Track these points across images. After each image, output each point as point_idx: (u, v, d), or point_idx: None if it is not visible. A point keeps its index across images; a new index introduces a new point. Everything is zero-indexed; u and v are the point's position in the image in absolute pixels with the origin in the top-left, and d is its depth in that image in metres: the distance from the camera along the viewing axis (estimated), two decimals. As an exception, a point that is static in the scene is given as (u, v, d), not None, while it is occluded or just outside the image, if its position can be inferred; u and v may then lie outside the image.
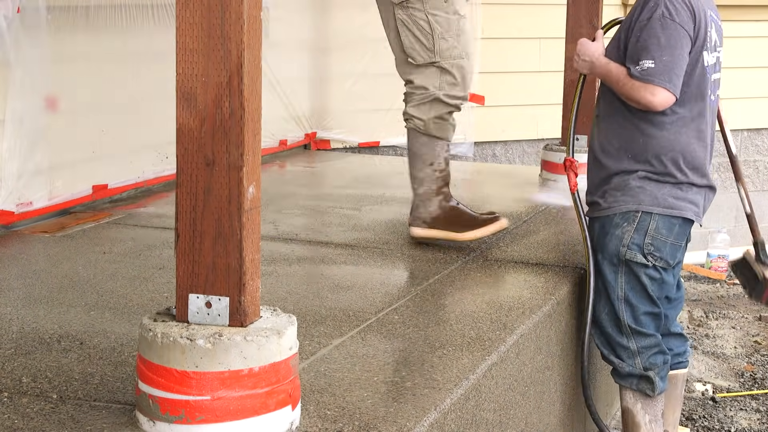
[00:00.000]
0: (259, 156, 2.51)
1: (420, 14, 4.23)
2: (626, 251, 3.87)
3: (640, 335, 3.93)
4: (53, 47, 4.63)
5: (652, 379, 3.93)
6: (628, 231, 3.87)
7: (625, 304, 3.91)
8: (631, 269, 3.89)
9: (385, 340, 3.27)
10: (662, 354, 3.96)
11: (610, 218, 3.92)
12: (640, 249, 3.86)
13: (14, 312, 3.44)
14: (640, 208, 3.85)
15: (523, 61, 7.39)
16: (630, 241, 3.87)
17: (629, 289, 3.91)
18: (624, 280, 3.91)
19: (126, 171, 5.18)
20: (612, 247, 3.91)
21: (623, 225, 3.88)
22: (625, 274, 3.91)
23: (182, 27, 2.42)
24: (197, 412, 2.42)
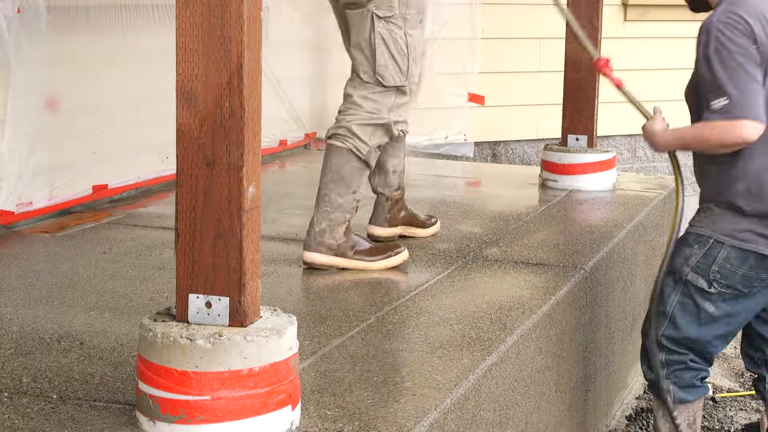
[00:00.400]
0: (259, 156, 2.51)
1: (400, 33, 3.93)
2: (689, 272, 3.74)
3: (671, 352, 3.82)
4: (53, 47, 4.63)
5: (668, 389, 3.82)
6: (696, 254, 3.72)
7: (669, 321, 3.79)
8: (689, 291, 3.75)
9: (385, 340, 3.27)
10: (690, 370, 3.84)
11: (687, 235, 3.78)
12: (705, 275, 3.71)
13: (14, 312, 3.44)
14: (713, 236, 3.69)
15: (523, 61, 7.39)
16: (696, 264, 3.72)
17: (678, 309, 3.78)
18: (677, 299, 3.78)
19: (126, 171, 5.18)
20: (677, 263, 3.77)
21: (694, 246, 3.73)
22: (681, 293, 3.77)
23: (182, 27, 2.43)
24: (197, 412, 2.42)
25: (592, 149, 5.72)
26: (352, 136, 3.91)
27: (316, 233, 3.95)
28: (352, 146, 3.91)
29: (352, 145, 3.91)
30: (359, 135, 3.91)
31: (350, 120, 3.91)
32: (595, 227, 4.87)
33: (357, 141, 3.91)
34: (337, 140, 3.93)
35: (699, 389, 3.90)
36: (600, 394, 4.52)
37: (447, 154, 7.23)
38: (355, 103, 3.91)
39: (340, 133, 3.92)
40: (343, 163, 3.91)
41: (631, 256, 4.87)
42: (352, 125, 3.90)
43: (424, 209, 5.13)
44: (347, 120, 3.91)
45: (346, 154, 3.91)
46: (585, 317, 4.16)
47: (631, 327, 5.00)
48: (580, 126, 5.77)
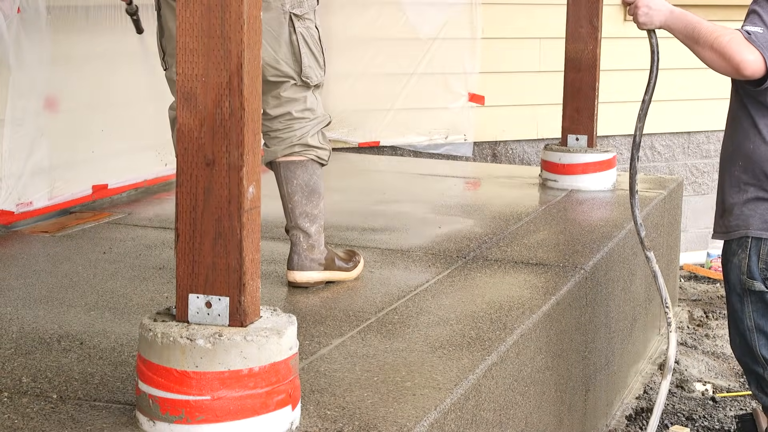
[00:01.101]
0: (259, 156, 2.51)
1: (313, 26, 3.71)
2: (745, 279, 3.67)
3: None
4: (53, 47, 4.63)
5: None
6: (743, 259, 3.66)
7: (758, 333, 3.70)
8: (758, 297, 3.68)
9: (385, 340, 3.27)
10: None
11: (729, 244, 3.72)
12: (757, 275, 3.66)
13: (14, 312, 3.44)
14: (750, 234, 3.64)
15: (523, 61, 7.39)
16: (747, 269, 3.67)
17: (759, 317, 3.69)
18: (752, 309, 3.70)
19: (126, 171, 5.18)
20: (734, 277, 3.71)
21: (738, 252, 3.68)
22: (752, 303, 3.69)
23: (182, 27, 2.43)
24: (197, 412, 2.42)
25: (592, 149, 5.72)
26: (311, 148, 3.74)
27: (304, 251, 3.77)
28: (314, 156, 3.75)
29: (315, 156, 3.75)
30: (315, 144, 3.74)
31: (300, 135, 3.70)
32: (595, 227, 4.87)
33: (317, 150, 3.75)
34: (296, 155, 3.72)
35: None
36: (600, 394, 4.52)
37: (447, 154, 7.23)
38: (297, 118, 3.70)
39: (296, 149, 3.71)
40: (310, 176, 3.75)
41: (631, 256, 4.87)
42: (306, 139, 3.71)
43: (425, 210, 5.13)
44: (298, 136, 3.70)
45: (311, 165, 3.75)
46: (585, 317, 4.16)
47: (631, 327, 5.00)
48: (580, 126, 5.76)
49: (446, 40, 7.12)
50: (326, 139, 3.79)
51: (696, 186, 8.13)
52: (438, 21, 7.05)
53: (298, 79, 3.67)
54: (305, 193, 3.75)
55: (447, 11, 7.12)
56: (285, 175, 3.73)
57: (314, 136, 3.73)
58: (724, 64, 3.52)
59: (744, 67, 3.47)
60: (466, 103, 7.23)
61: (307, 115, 3.71)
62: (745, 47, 3.45)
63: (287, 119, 3.68)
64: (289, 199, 3.75)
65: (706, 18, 3.69)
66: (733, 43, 3.46)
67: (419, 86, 7.07)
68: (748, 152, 3.64)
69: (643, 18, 3.63)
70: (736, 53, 3.46)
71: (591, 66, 5.71)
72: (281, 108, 3.67)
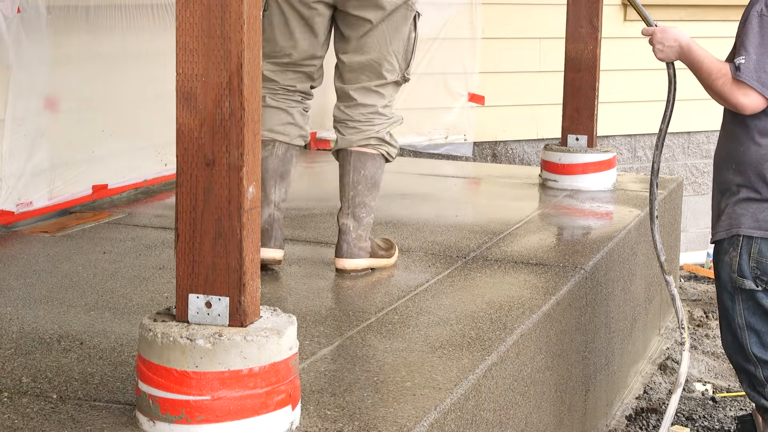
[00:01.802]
0: (259, 156, 2.51)
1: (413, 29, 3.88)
2: (736, 278, 3.72)
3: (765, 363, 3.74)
4: (53, 47, 4.63)
5: None
6: (734, 257, 3.71)
7: (749, 331, 3.76)
8: (748, 296, 3.74)
9: (385, 340, 3.27)
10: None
11: (720, 243, 3.77)
12: (747, 274, 3.70)
13: (14, 312, 3.44)
14: (741, 232, 3.68)
15: (523, 61, 7.39)
16: (738, 268, 3.71)
17: (750, 315, 3.73)
18: (742, 307, 3.75)
19: (126, 171, 5.18)
20: (725, 275, 3.76)
21: (729, 250, 3.73)
22: (742, 301, 3.74)
23: (182, 27, 2.43)
24: (197, 412, 2.42)
25: (592, 149, 5.72)
26: (384, 144, 3.90)
27: (353, 239, 3.91)
28: (384, 152, 3.92)
29: (385, 152, 3.92)
30: (389, 141, 3.92)
31: (379, 130, 3.88)
32: (595, 227, 4.87)
33: (389, 147, 3.92)
34: (370, 148, 3.89)
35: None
36: (600, 394, 4.52)
37: (447, 154, 7.23)
38: (379, 113, 3.88)
39: (372, 142, 3.88)
40: (377, 169, 3.91)
41: (631, 256, 4.87)
42: (383, 134, 3.89)
43: (425, 210, 5.13)
44: (376, 130, 3.87)
45: (380, 160, 3.91)
46: (585, 317, 4.16)
47: (631, 327, 5.00)
48: (580, 126, 5.76)
49: (446, 40, 7.12)
50: (395, 138, 3.94)
51: (696, 186, 8.13)
52: (438, 21, 7.05)
53: (399, 76, 3.85)
54: (369, 184, 3.89)
55: (447, 11, 7.12)
56: (354, 164, 3.87)
57: (388, 133, 3.90)
58: (725, 105, 3.64)
59: (743, 109, 3.58)
60: (466, 103, 7.24)
61: (387, 113, 3.89)
62: (736, 90, 3.55)
63: (371, 112, 3.85)
64: (352, 187, 3.89)
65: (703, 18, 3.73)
66: (726, 86, 3.56)
67: (419, 86, 7.07)
68: (739, 155, 3.67)
69: (659, 54, 3.76)
70: (731, 98, 3.57)
71: (591, 66, 5.71)
72: (369, 99, 3.84)
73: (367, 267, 3.98)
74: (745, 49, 3.53)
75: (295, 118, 3.91)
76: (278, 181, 3.91)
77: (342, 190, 3.93)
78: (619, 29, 7.54)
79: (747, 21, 3.57)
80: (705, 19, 7.18)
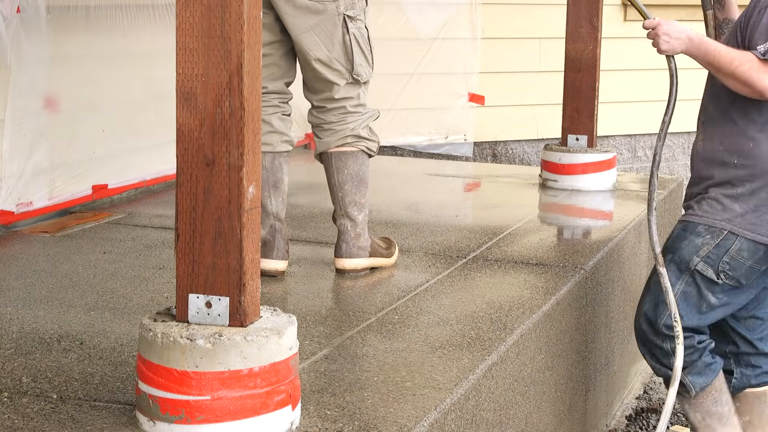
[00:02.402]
0: (260, 156, 2.51)
1: (363, 27, 3.92)
2: (699, 262, 3.72)
3: (673, 339, 3.77)
4: (53, 47, 4.63)
5: (682, 382, 3.79)
6: (708, 245, 3.71)
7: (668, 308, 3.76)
8: (695, 281, 3.75)
9: (385, 340, 3.27)
10: (698, 351, 3.82)
11: (694, 224, 3.75)
12: (715, 265, 3.71)
13: (14, 312, 3.44)
14: (729, 228, 3.68)
15: (523, 61, 7.39)
16: (706, 255, 3.71)
17: (681, 299, 3.76)
18: (681, 287, 3.76)
19: (126, 171, 5.18)
20: (685, 252, 3.75)
21: (705, 236, 3.71)
22: (685, 283, 3.77)
23: (182, 27, 2.43)
24: (197, 412, 2.42)
25: (592, 149, 5.72)
26: (362, 140, 3.94)
27: (351, 239, 3.97)
28: (364, 147, 3.96)
29: (364, 146, 3.96)
30: (365, 136, 3.95)
31: (354, 127, 3.92)
32: (595, 227, 4.88)
33: (367, 142, 3.96)
34: (348, 146, 3.93)
35: (713, 365, 3.87)
36: (600, 394, 4.52)
37: (447, 154, 7.23)
38: (350, 112, 3.92)
39: (349, 140, 3.92)
40: (359, 166, 3.95)
41: (631, 256, 4.87)
42: (357, 131, 3.93)
43: (425, 210, 5.13)
44: (351, 128, 3.92)
45: (361, 156, 3.96)
46: (585, 317, 4.16)
47: (631, 327, 4.99)
48: (580, 126, 5.76)
49: (446, 40, 7.12)
50: (374, 132, 4.01)
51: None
52: (438, 21, 7.05)
53: (349, 77, 3.88)
54: (355, 182, 3.95)
55: (447, 11, 7.13)
56: (336, 165, 3.94)
57: (364, 129, 3.95)
58: (748, 91, 3.60)
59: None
60: (466, 103, 7.24)
61: (360, 110, 3.93)
62: (763, 73, 3.54)
63: (341, 113, 3.91)
64: (339, 188, 3.96)
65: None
66: (752, 71, 3.54)
67: (419, 86, 7.08)
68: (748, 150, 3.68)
69: (665, 46, 3.70)
70: (757, 81, 3.55)
71: (591, 66, 5.71)
72: (336, 103, 3.89)
73: (367, 266, 4.00)
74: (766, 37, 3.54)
75: (274, 125, 3.90)
76: (272, 191, 3.94)
77: (331, 192, 3.98)
78: (619, 29, 7.54)
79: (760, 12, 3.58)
80: (705, 19, 7.18)
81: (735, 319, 3.95)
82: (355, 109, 3.92)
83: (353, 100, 3.92)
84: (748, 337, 3.96)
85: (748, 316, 3.93)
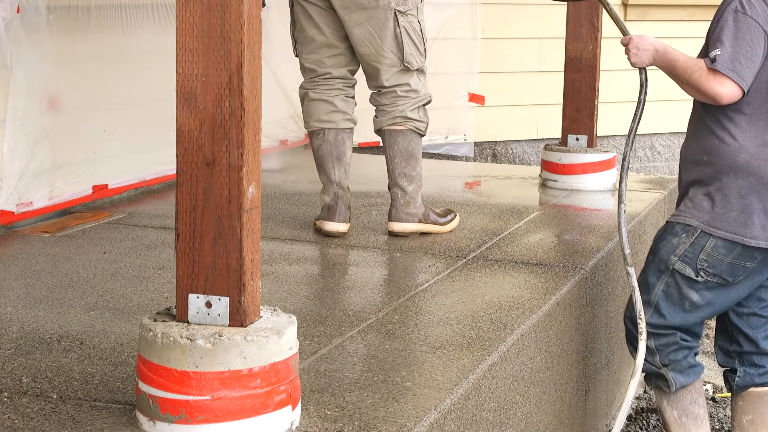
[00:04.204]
0: (260, 156, 2.51)
1: (415, 21, 4.40)
2: (676, 261, 3.81)
3: (658, 336, 3.87)
4: (53, 47, 4.63)
5: (665, 377, 3.90)
6: (684, 243, 3.79)
7: (654, 309, 3.87)
8: (675, 281, 3.83)
9: (385, 340, 3.27)
10: (682, 349, 3.91)
11: (672, 225, 3.86)
12: (692, 264, 3.78)
13: (14, 312, 3.44)
14: (701, 227, 3.77)
15: (523, 61, 7.39)
16: (683, 253, 3.79)
17: (663, 298, 3.85)
18: (662, 288, 3.86)
19: (126, 171, 5.18)
20: (663, 253, 3.84)
21: (681, 235, 3.80)
22: (666, 284, 3.85)
23: (182, 27, 2.43)
24: (197, 412, 2.42)
25: (592, 149, 5.72)
26: (409, 120, 4.44)
27: (401, 205, 4.47)
28: (412, 127, 4.45)
29: (413, 126, 4.45)
30: (414, 117, 4.44)
31: (402, 109, 4.43)
32: (595, 227, 4.87)
33: (415, 122, 4.45)
34: (397, 125, 4.44)
35: (696, 369, 3.96)
36: (600, 394, 4.52)
37: (447, 154, 7.23)
38: (400, 96, 4.42)
39: (398, 120, 4.43)
40: (409, 142, 4.45)
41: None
42: (406, 112, 4.43)
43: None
44: (400, 110, 4.43)
45: (409, 134, 4.46)
46: (585, 317, 4.16)
47: (631, 327, 5.00)
48: (580, 126, 5.77)
49: (446, 40, 7.12)
50: (426, 114, 4.51)
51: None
52: (438, 21, 7.05)
53: (400, 65, 4.39)
54: (404, 156, 4.46)
55: (447, 11, 7.12)
56: (388, 141, 4.47)
57: (414, 111, 4.45)
58: (702, 98, 3.75)
59: (720, 99, 3.68)
60: (466, 103, 7.24)
61: (410, 95, 4.44)
62: (712, 80, 3.66)
63: (393, 97, 4.43)
64: (390, 161, 4.49)
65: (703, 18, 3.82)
66: (702, 78, 3.68)
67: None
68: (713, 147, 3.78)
69: (634, 59, 3.90)
70: (707, 89, 3.67)
71: (591, 66, 5.71)
72: (387, 89, 4.43)
73: (415, 231, 4.50)
74: (721, 42, 3.65)
75: (337, 105, 4.48)
76: (336, 163, 4.49)
77: (386, 165, 4.52)
78: (619, 29, 7.54)
79: (721, 19, 3.70)
80: (705, 19, 7.17)
81: (738, 316, 3.98)
82: (405, 94, 4.43)
83: (404, 86, 4.42)
84: (752, 336, 3.99)
85: (750, 313, 3.96)
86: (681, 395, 3.95)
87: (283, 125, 6.57)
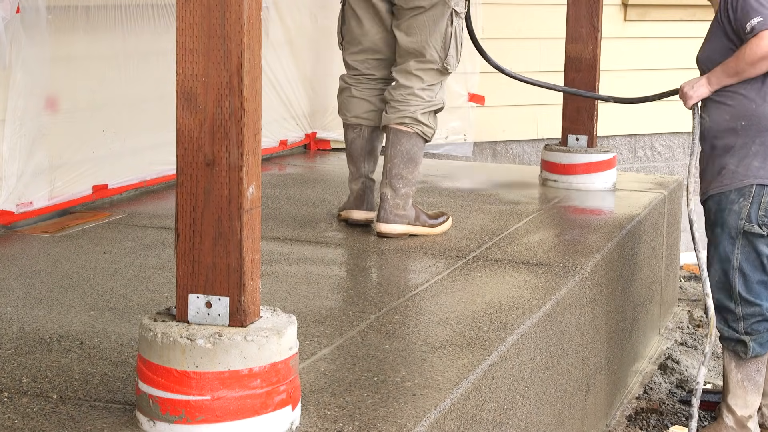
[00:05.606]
0: (259, 156, 2.51)
1: (463, 25, 4.47)
2: (744, 224, 4.18)
3: (747, 303, 4.25)
4: (53, 47, 4.63)
5: (746, 343, 4.28)
6: (745, 205, 4.17)
7: (739, 273, 4.23)
8: (749, 241, 4.20)
9: (385, 340, 3.27)
10: (765, 321, 4.27)
11: (726, 194, 4.20)
12: (757, 221, 4.16)
13: (14, 312, 3.44)
14: (754, 182, 4.15)
15: (523, 61, 7.38)
16: (747, 214, 4.17)
17: (744, 260, 4.21)
18: (740, 251, 4.21)
19: (126, 171, 5.18)
20: (731, 221, 4.20)
21: (739, 200, 4.18)
22: (742, 246, 4.21)
23: (182, 27, 2.43)
24: (197, 412, 2.42)
25: (592, 149, 5.72)
26: (418, 123, 4.40)
27: (390, 207, 4.42)
28: (419, 131, 4.42)
29: (420, 131, 4.42)
30: (424, 122, 4.41)
31: (414, 110, 4.39)
32: (595, 227, 4.87)
33: (423, 127, 4.42)
34: (405, 126, 4.40)
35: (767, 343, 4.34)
36: (600, 394, 4.52)
37: (447, 154, 7.23)
38: (416, 95, 4.40)
39: (406, 121, 4.40)
40: (412, 145, 4.41)
41: (631, 256, 4.87)
42: (417, 114, 4.39)
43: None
44: (411, 111, 4.39)
45: (414, 137, 4.42)
46: (585, 317, 4.16)
47: (631, 327, 5.00)
48: (580, 126, 5.77)
49: (446, 40, 7.10)
50: (435, 121, 4.48)
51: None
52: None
53: (440, 64, 4.40)
54: (404, 158, 4.42)
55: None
56: (392, 140, 4.43)
57: (425, 115, 4.42)
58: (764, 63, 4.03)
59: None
60: (466, 103, 7.23)
61: (425, 96, 4.42)
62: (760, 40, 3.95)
63: (408, 93, 4.41)
64: (389, 160, 4.44)
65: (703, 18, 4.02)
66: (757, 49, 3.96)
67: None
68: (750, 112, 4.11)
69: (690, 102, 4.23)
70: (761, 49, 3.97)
71: (591, 66, 5.72)
72: (408, 81, 4.40)
73: (404, 233, 4.44)
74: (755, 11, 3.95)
75: (377, 105, 4.54)
76: (366, 157, 4.57)
77: (384, 162, 4.47)
78: (619, 29, 7.54)
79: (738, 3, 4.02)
80: (705, 19, 7.18)
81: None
82: (421, 94, 4.40)
83: (424, 83, 4.40)
84: None
85: None
86: (750, 363, 4.33)
87: (282, 125, 6.57)
